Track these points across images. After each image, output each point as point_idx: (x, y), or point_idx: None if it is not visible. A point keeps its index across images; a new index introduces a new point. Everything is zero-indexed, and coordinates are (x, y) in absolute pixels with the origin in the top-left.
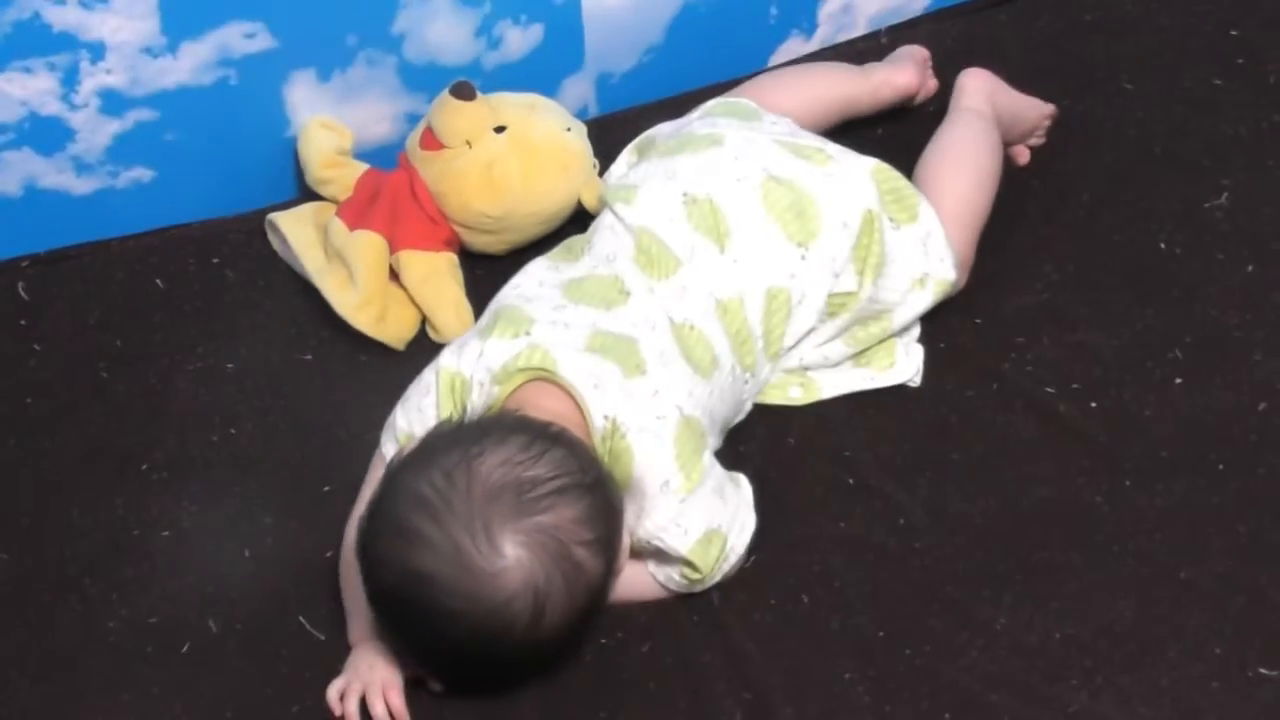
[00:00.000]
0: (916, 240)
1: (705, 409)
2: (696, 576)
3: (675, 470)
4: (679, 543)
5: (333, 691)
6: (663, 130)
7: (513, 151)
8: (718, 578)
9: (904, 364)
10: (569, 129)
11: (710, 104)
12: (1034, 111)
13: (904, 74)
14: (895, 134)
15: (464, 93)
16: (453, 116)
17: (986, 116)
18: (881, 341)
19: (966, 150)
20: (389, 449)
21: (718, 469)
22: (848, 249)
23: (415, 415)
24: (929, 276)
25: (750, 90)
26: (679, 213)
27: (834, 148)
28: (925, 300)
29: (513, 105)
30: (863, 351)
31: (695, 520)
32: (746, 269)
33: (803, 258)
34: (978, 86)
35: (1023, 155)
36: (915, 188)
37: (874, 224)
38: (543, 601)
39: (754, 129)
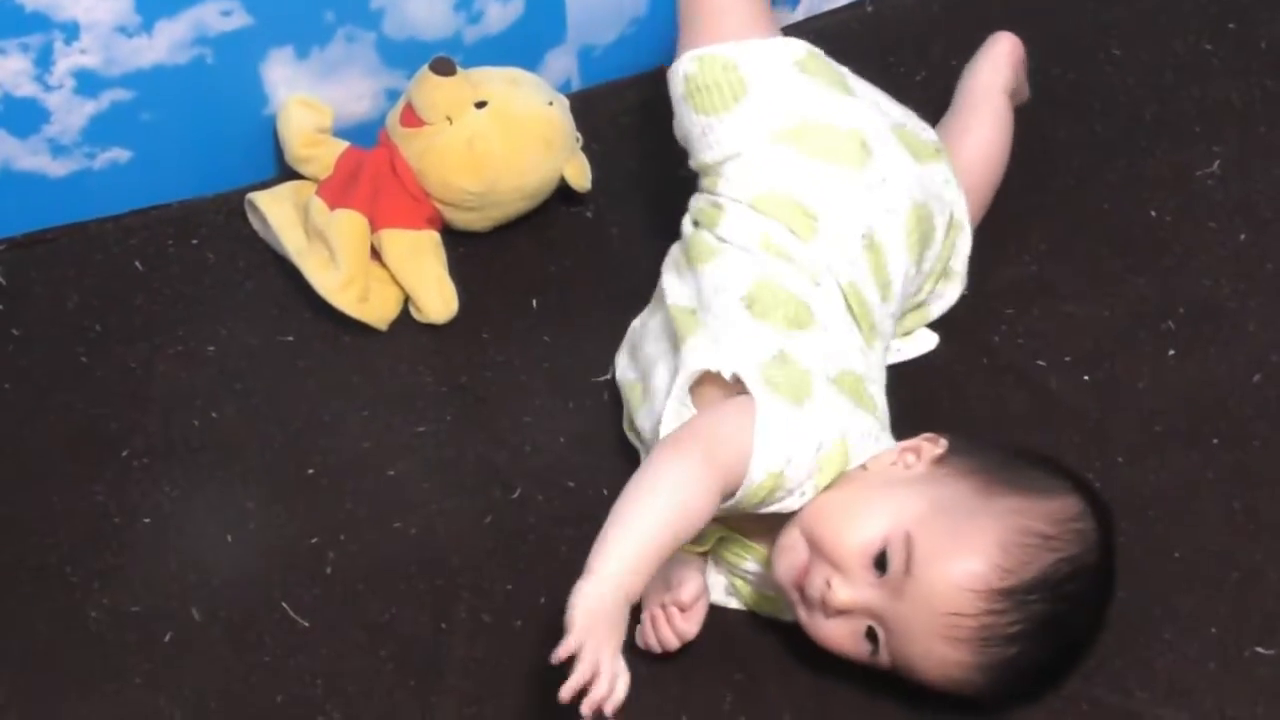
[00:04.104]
0: (960, 241)
1: None
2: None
3: None
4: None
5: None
6: (776, 94)
7: (494, 126)
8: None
9: (923, 333)
10: (551, 103)
11: (790, 53)
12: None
13: None
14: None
15: (444, 68)
16: (432, 92)
17: (1009, 95)
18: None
19: (1002, 158)
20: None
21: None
22: (933, 261)
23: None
24: (954, 271)
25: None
26: (860, 260)
27: (930, 134)
28: (957, 290)
29: (494, 80)
30: None
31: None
32: (894, 321)
33: (918, 283)
34: (1010, 53)
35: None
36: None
37: (950, 231)
38: None
39: (874, 106)
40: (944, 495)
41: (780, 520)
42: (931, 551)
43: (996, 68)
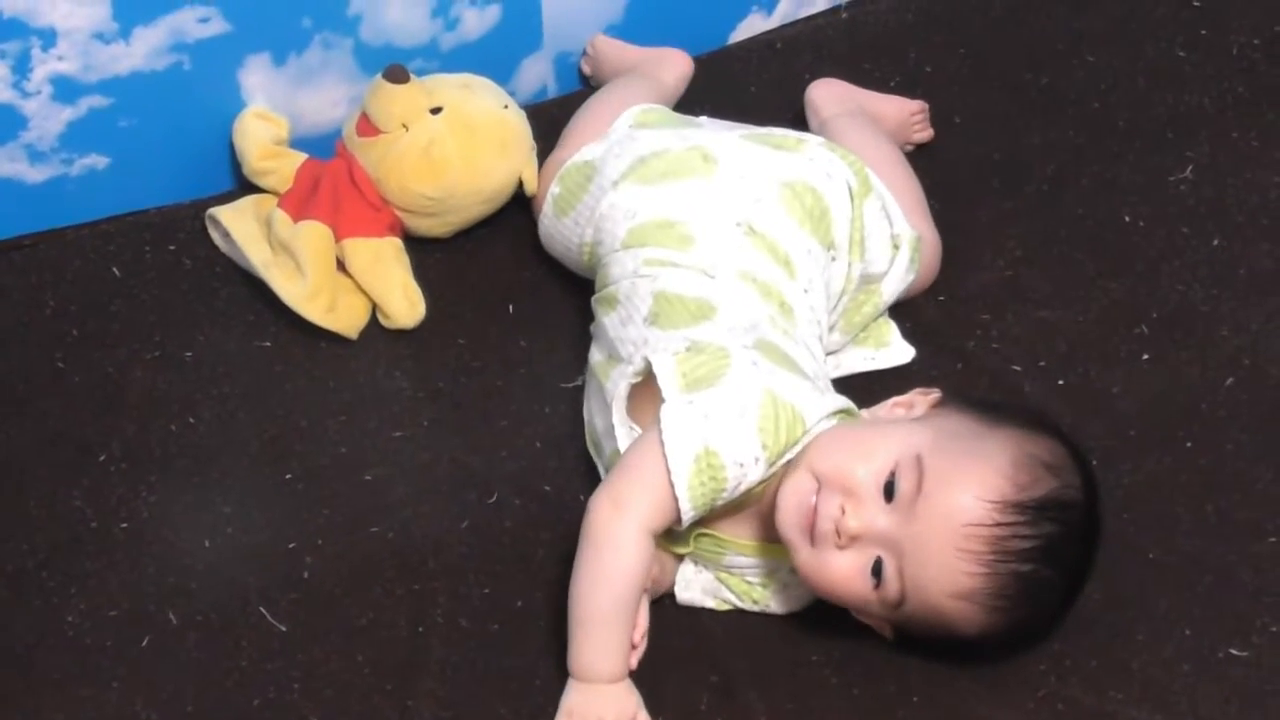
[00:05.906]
0: (878, 209)
1: None
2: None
3: None
4: None
5: None
6: (611, 157)
7: (450, 131)
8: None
9: (900, 344)
10: (505, 106)
11: (628, 117)
12: (894, 108)
13: (675, 55)
14: None
15: (397, 76)
16: (387, 101)
17: (857, 114)
18: (874, 320)
19: (872, 149)
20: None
21: None
22: (847, 233)
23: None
24: (898, 236)
25: (571, 136)
26: (747, 246)
27: (789, 131)
28: (904, 260)
29: (448, 86)
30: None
31: None
32: (816, 295)
33: (833, 259)
34: (832, 95)
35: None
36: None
37: (854, 200)
38: None
39: (724, 130)
40: (948, 425)
41: (751, 511)
42: (944, 469)
43: (820, 106)
